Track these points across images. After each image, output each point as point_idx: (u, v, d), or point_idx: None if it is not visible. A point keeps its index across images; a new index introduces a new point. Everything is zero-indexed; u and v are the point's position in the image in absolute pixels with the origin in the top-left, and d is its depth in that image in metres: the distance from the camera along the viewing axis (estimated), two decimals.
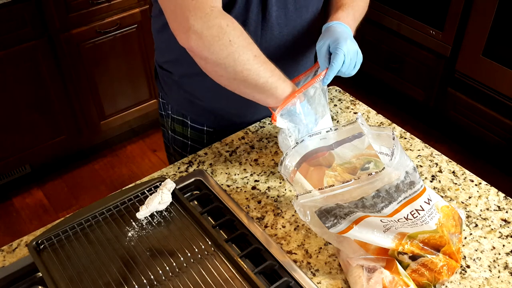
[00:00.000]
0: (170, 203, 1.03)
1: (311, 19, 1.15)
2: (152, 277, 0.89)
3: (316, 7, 1.16)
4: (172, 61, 1.22)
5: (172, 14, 0.95)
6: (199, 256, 0.94)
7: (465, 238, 0.99)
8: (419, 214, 0.86)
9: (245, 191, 1.09)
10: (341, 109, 1.34)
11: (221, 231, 1.03)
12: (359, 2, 1.15)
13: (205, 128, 1.28)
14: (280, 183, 1.11)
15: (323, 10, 1.21)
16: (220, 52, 0.93)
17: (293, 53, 1.18)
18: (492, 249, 0.97)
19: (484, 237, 0.99)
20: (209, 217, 1.06)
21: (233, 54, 0.93)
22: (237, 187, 1.10)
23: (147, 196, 1.03)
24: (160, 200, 1.00)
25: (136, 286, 0.88)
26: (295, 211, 0.93)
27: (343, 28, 1.05)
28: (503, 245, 0.97)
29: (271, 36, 1.10)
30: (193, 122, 1.27)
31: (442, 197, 1.03)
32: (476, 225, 1.01)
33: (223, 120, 1.26)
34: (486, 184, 1.11)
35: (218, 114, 1.25)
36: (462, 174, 1.13)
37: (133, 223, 0.99)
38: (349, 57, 1.01)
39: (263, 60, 0.97)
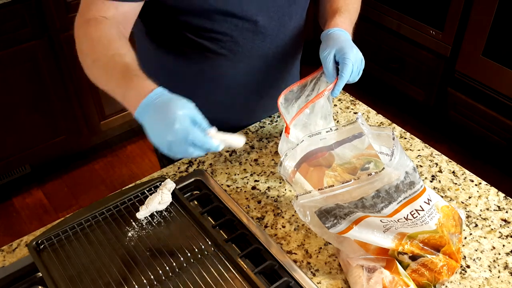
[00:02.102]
0: (170, 203, 1.03)
1: (293, 28, 1.15)
2: (152, 277, 0.89)
3: (299, 16, 1.15)
4: (149, 70, 1.21)
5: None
6: (199, 256, 0.94)
7: (465, 238, 0.99)
8: (419, 214, 0.86)
9: (245, 191, 1.09)
10: (341, 109, 1.34)
11: (221, 231, 1.03)
12: (353, 5, 1.15)
13: None
14: (280, 183, 1.11)
15: (307, 19, 1.20)
16: (80, 57, 0.96)
17: (277, 62, 1.17)
18: (492, 249, 0.97)
19: (484, 237, 0.99)
20: (209, 217, 1.05)
21: (82, 61, 0.95)
22: (237, 187, 1.10)
23: (147, 196, 1.03)
24: (160, 200, 1.00)
25: (136, 286, 0.88)
26: (295, 211, 0.93)
27: (344, 35, 1.05)
28: (503, 245, 0.97)
29: (253, 46, 1.10)
30: None
31: (442, 197, 1.03)
32: (476, 225, 1.02)
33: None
34: (486, 184, 1.11)
35: None
36: (462, 174, 1.13)
37: (133, 223, 0.99)
38: (356, 66, 1.01)
39: (102, 65, 0.91)
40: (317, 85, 1.06)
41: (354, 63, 1.00)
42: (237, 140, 0.87)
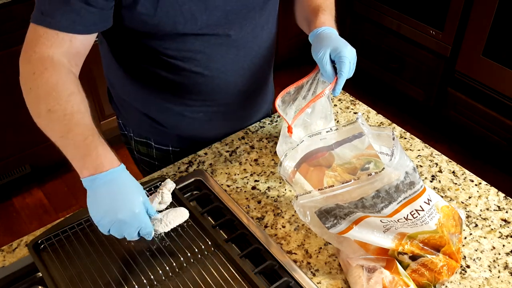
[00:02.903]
0: (170, 203, 1.02)
1: (266, 37, 1.13)
2: (152, 277, 0.89)
3: (271, 25, 1.14)
4: (122, 88, 1.18)
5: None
6: (199, 256, 0.94)
7: (465, 238, 0.99)
8: (419, 214, 0.86)
9: (245, 191, 1.09)
10: (341, 109, 1.34)
11: (221, 231, 1.03)
12: (330, 0, 1.14)
13: (170, 148, 1.24)
14: (280, 183, 1.11)
15: (279, 29, 1.19)
16: (25, 97, 0.90)
17: (252, 73, 1.15)
18: (492, 249, 0.97)
19: (484, 237, 0.99)
20: (209, 217, 1.06)
21: (29, 104, 0.89)
22: (237, 187, 1.10)
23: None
24: (160, 200, 1.00)
25: (136, 286, 0.88)
26: (295, 211, 0.93)
27: (334, 33, 1.05)
28: (503, 245, 0.97)
29: (227, 59, 1.07)
30: (157, 143, 1.23)
31: (442, 197, 1.03)
32: (476, 225, 1.02)
33: (187, 141, 1.23)
34: (486, 184, 1.11)
35: (182, 136, 1.21)
36: (462, 174, 1.13)
37: None
38: (352, 63, 1.01)
39: (57, 118, 0.86)
40: (313, 86, 1.06)
41: (351, 60, 1.01)
42: (180, 214, 0.93)
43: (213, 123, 1.19)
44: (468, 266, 0.94)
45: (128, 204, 0.81)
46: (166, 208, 1.01)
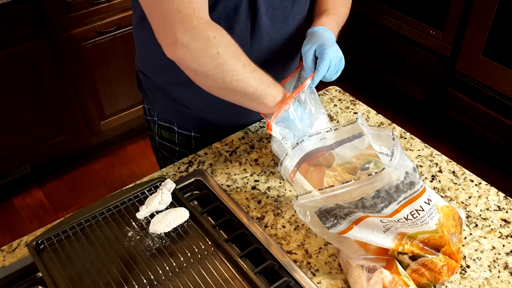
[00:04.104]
0: (170, 203, 1.03)
1: (297, 26, 1.16)
2: (152, 277, 0.89)
3: (302, 14, 1.16)
4: (156, 69, 1.20)
5: (159, 26, 0.94)
6: (199, 256, 0.94)
7: (465, 238, 0.99)
8: (419, 214, 0.86)
9: (245, 191, 1.09)
10: (341, 109, 1.34)
11: (221, 231, 1.03)
12: (342, 9, 1.16)
13: (192, 134, 1.26)
14: (280, 183, 1.11)
15: (308, 16, 1.21)
16: (209, 64, 0.93)
17: (282, 59, 1.18)
18: (492, 249, 0.97)
19: (484, 237, 0.99)
20: (209, 217, 1.06)
21: (222, 65, 0.93)
22: (237, 187, 1.10)
23: (147, 196, 1.03)
24: (160, 200, 1.00)
25: (136, 286, 0.88)
26: (295, 211, 0.93)
27: (328, 34, 1.07)
28: (503, 245, 0.97)
29: (260, 45, 1.10)
30: (180, 128, 1.26)
31: (442, 197, 1.03)
32: (476, 225, 1.02)
33: (210, 126, 1.25)
34: (486, 184, 1.11)
35: (206, 120, 1.24)
36: (462, 174, 1.13)
37: (133, 223, 0.99)
38: (334, 63, 1.03)
39: (252, 69, 0.97)
40: (299, 83, 1.08)
41: (332, 60, 1.02)
42: (180, 214, 0.98)
43: (238, 108, 1.19)
44: (468, 266, 0.94)
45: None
46: (166, 208, 1.02)
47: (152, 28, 0.96)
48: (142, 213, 0.99)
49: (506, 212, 1.04)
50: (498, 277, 0.92)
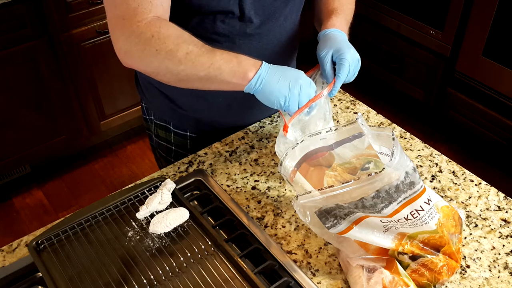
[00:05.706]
0: (170, 203, 1.03)
1: (291, 26, 1.15)
2: (152, 277, 0.89)
3: (294, 16, 1.16)
4: None
5: (111, 35, 0.98)
6: (199, 256, 0.94)
7: (465, 238, 0.99)
8: (419, 215, 0.86)
9: (245, 191, 1.09)
10: (341, 109, 1.34)
11: (221, 231, 1.03)
12: (348, 5, 1.16)
13: (188, 133, 1.27)
14: (280, 183, 1.11)
15: (307, 20, 1.21)
16: (153, 63, 0.95)
17: (275, 60, 1.16)
18: (492, 249, 0.97)
19: (484, 237, 0.99)
20: (209, 217, 1.06)
21: (163, 61, 0.94)
22: (237, 187, 1.10)
23: (147, 196, 1.03)
24: (160, 200, 1.00)
25: (136, 286, 0.88)
26: (295, 211, 0.93)
27: (341, 36, 1.06)
28: (503, 245, 0.97)
29: (250, 46, 1.10)
30: (176, 128, 1.27)
31: (442, 197, 1.03)
32: (476, 225, 1.02)
33: (205, 126, 1.26)
34: (486, 184, 1.11)
35: (200, 121, 1.24)
36: (462, 174, 1.13)
37: (133, 223, 0.99)
38: (352, 66, 1.03)
39: (197, 54, 0.94)
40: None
41: (351, 64, 1.02)
42: (180, 214, 0.99)
43: (232, 110, 1.19)
44: (468, 266, 0.94)
45: (299, 73, 0.98)
46: (166, 208, 1.02)
47: None
48: (142, 213, 0.99)
49: (506, 212, 1.04)
50: (498, 277, 0.92)
